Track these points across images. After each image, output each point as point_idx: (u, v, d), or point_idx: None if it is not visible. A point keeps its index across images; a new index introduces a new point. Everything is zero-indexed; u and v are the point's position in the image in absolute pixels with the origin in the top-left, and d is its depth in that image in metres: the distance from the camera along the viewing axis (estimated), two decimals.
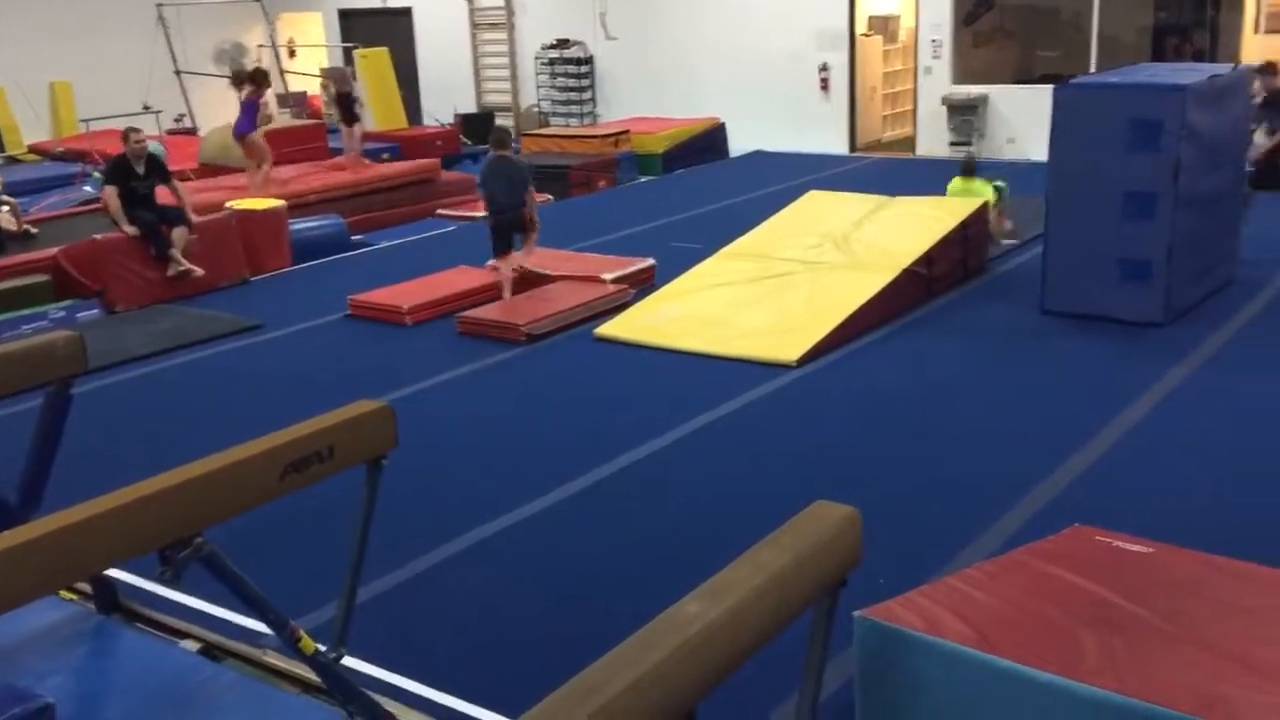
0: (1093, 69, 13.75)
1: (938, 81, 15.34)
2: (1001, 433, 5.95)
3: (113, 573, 3.87)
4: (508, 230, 8.69)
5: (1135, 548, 4.10)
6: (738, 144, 16.26)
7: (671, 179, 14.74)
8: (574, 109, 18.22)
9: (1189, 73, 7.89)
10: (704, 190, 13.47)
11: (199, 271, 9.41)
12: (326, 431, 3.02)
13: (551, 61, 18.25)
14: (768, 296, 8.03)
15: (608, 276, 8.76)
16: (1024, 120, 14.23)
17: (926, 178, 12.96)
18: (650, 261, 9.17)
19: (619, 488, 5.52)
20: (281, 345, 8.14)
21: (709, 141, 15.81)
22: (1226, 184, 8.01)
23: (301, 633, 3.05)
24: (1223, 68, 8.31)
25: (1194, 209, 7.47)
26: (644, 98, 17.20)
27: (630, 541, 4.97)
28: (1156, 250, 7.32)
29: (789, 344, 7.23)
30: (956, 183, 9.85)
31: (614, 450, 5.88)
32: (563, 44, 18.12)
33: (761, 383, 6.81)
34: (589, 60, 18.12)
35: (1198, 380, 6.51)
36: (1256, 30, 14.17)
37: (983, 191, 9.57)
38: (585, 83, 18.17)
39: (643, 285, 8.81)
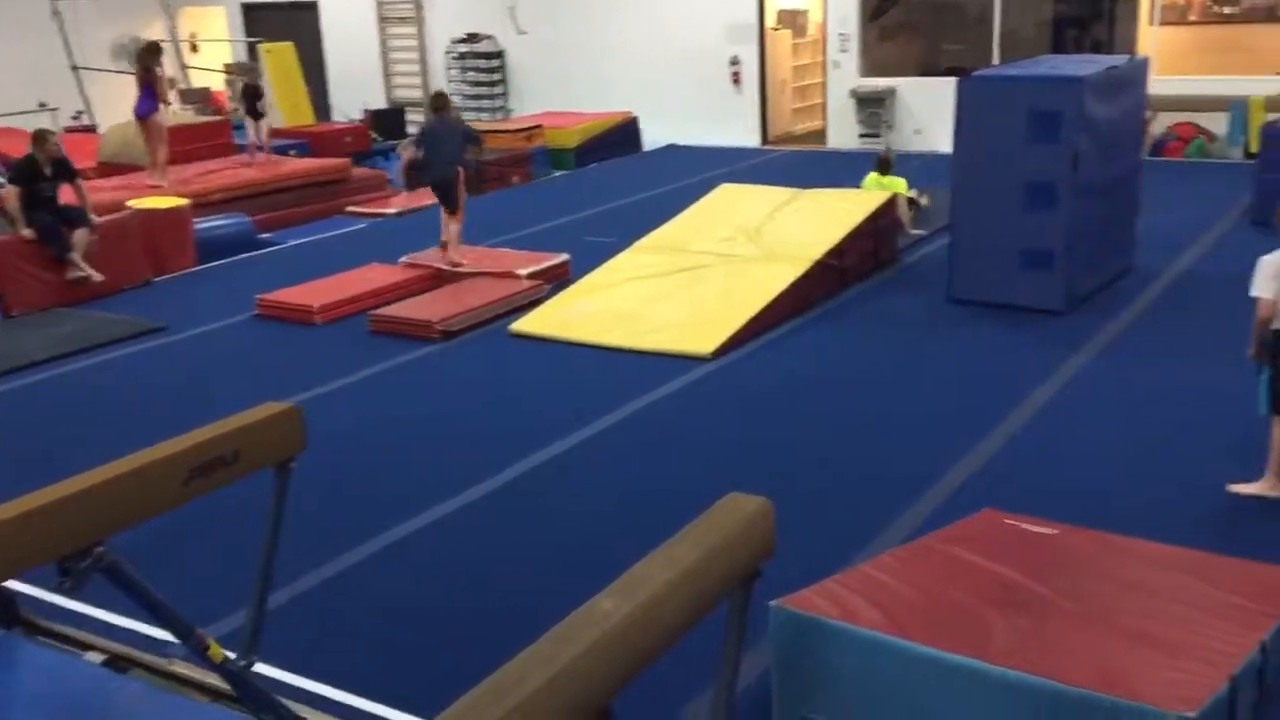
0: (996, 61, 14.04)
1: (846, 75, 15.53)
2: (913, 420, 6.06)
3: (11, 585, 3.75)
4: (443, 190, 8.95)
5: (1041, 530, 4.21)
6: (651, 138, 16.30)
7: (585, 173, 14.71)
8: (486, 104, 18.07)
9: (1087, 65, 8.10)
10: (617, 184, 13.48)
11: (98, 277, 9.13)
12: (232, 435, 2.96)
13: (462, 56, 18.09)
14: (682, 290, 8.07)
15: (522, 272, 8.72)
16: (930, 112, 14.47)
17: (837, 170, 13.14)
18: (564, 256, 9.14)
19: (535, 485, 5.50)
20: (186, 347, 7.95)
21: (622, 135, 15.82)
22: (1124, 173, 8.25)
23: (210, 640, 2.98)
24: (1119, 59, 8.55)
25: (1093, 198, 7.68)
26: (556, 92, 17.14)
27: (546, 538, 4.95)
28: (1057, 239, 7.50)
29: (704, 337, 7.27)
30: (872, 178, 9.98)
31: (530, 447, 5.86)
32: (473, 38, 17.97)
33: (677, 376, 6.84)
34: (500, 54, 18.00)
35: (1097, 366, 6.70)
36: (1152, 22, 14.59)
37: (896, 186, 9.72)
38: (497, 77, 18.05)
39: (557, 280, 8.79)
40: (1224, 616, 3.34)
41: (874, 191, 9.43)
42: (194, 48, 20.17)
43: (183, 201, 10.45)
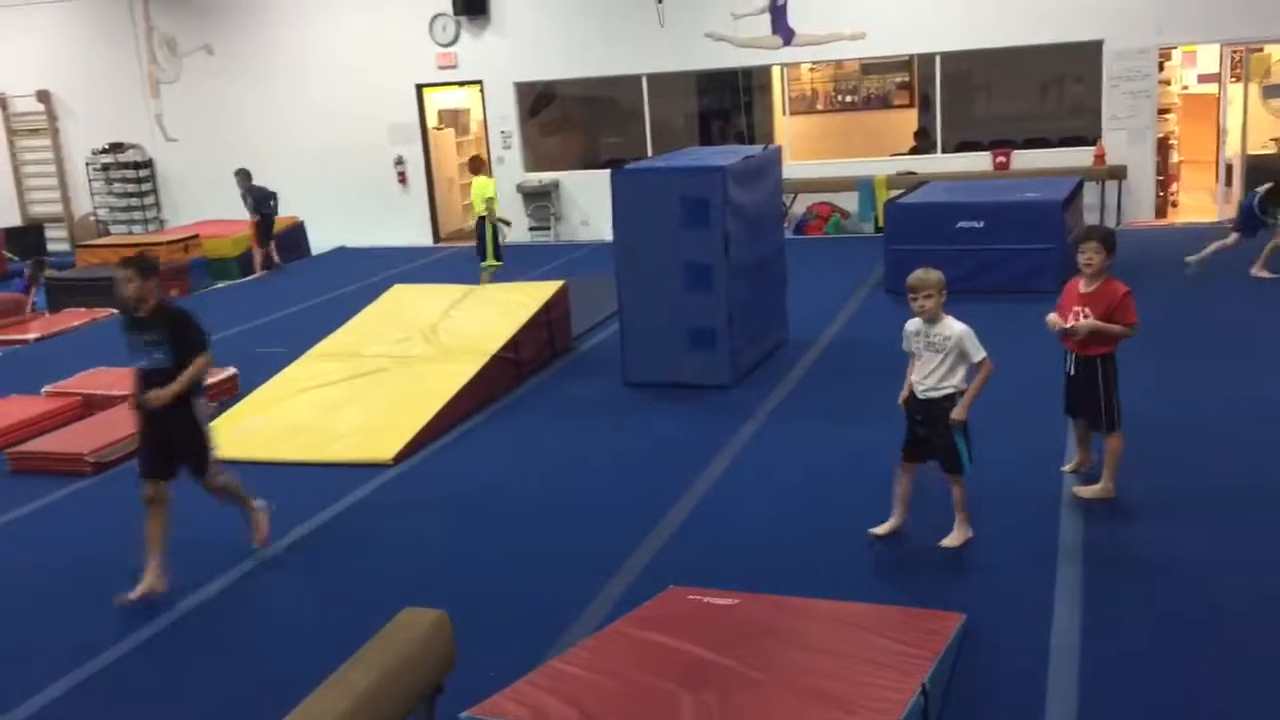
0: (650, 153, 14.80)
1: (511, 170, 15.88)
2: (596, 506, 6.15)
3: None
4: None
5: (722, 601, 4.36)
6: (319, 242, 15.96)
7: (249, 283, 14.16)
8: (136, 215, 17.11)
9: (728, 154, 8.68)
10: (286, 292, 13.06)
11: None
12: None
13: (106, 166, 17.08)
14: (359, 396, 7.87)
15: None
16: (595, 203, 15.01)
17: (510, 263, 13.33)
18: (231, 371, 8.71)
19: (208, 618, 5.13)
20: None
21: (288, 241, 15.37)
22: (771, 252, 8.85)
23: None
24: (755, 149, 9.21)
25: (746, 277, 8.17)
26: (213, 200, 16.39)
27: (222, 674, 4.61)
28: (718, 317, 7.92)
29: (384, 443, 7.11)
30: (474, 181, 11.79)
31: (203, 577, 5.47)
32: (117, 148, 17.02)
33: (359, 486, 6.63)
34: (148, 164, 17.14)
35: (765, 433, 7.08)
36: (785, 112, 15.89)
37: (486, 188, 11.46)
38: (146, 187, 17.15)
39: (225, 397, 8.34)
40: (889, 665, 3.57)
41: (544, 284, 9.61)
42: None
43: None
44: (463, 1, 15.33)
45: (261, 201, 14.34)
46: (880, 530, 5.29)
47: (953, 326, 5.10)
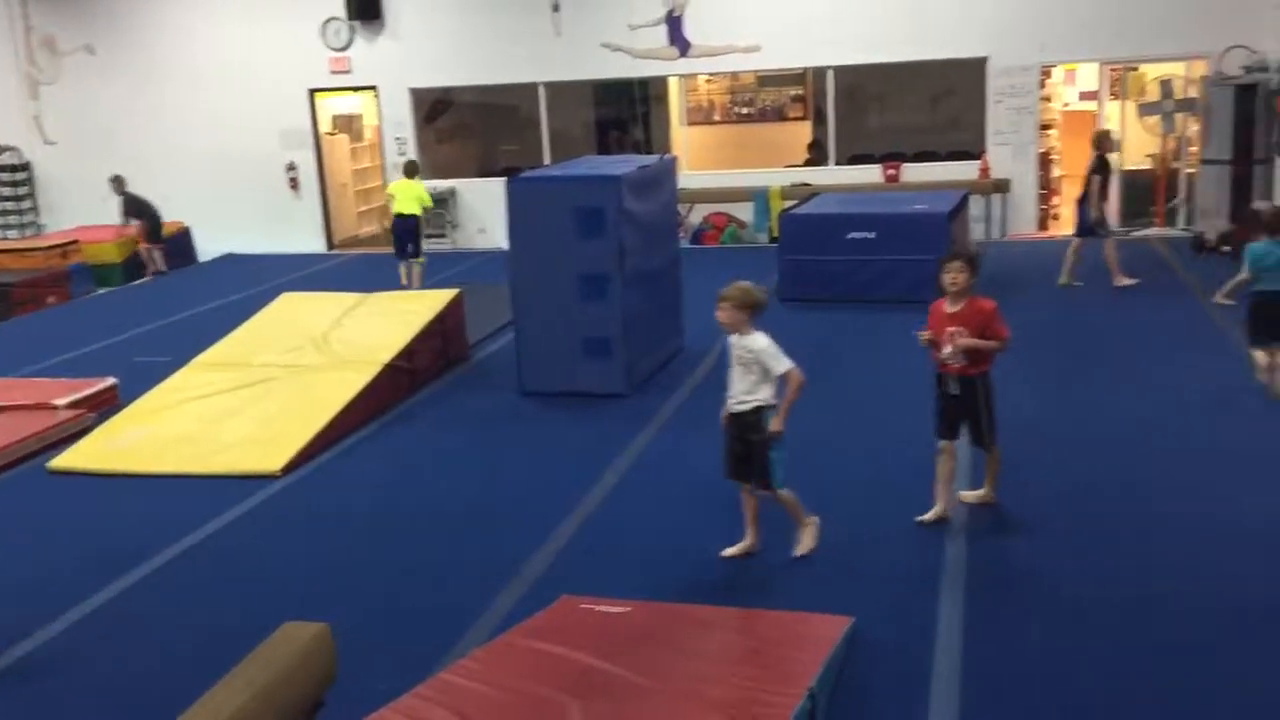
0: (548, 161, 14.77)
1: None
2: (491, 516, 6.09)
3: None
4: None
5: (615, 610, 4.35)
6: (208, 248, 15.56)
7: (134, 289, 13.75)
8: (13, 220, 16.47)
9: (623, 164, 8.70)
10: (172, 299, 12.70)
11: None
12: None
13: None
14: (246, 406, 7.68)
15: (60, 402, 7.91)
16: (492, 211, 14.87)
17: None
18: (111, 381, 8.43)
19: (79, 638, 4.94)
20: None
21: (173, 248, 14.95)
22: (666, 262, 8.89)
23: None
24: (651, 158, 9.25)
25: (642, 287, 8.20)
26: (95, 204, 15.82)
27: (90, 704, 4.44)
28: (613, 327, 7.92)
29: (271, 454, 6.95)
30: (400, 184, 12.33)
31: (76, 595, 5.27)
32: None
33: (245, 498, 6.46)
34: (26, 166, 16.52)
35: (659, 442, 7.10)
36: (682, 123, 16.01)
37: (418, 191, 12.18)
38: (23, 190, 16.53)
39: (105, 408, 8.07)
40: (776, 671, 3.60)
41: (439, 293, 9.50)
42: None
43: None
44: (355, 5, 15.12)
45: (134, 210, 13.97)
46: (731, 551, 5.27)
47: (757, 340, 5.11)
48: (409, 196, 12.28)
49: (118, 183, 13.96)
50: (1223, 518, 5.49)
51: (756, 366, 5.09)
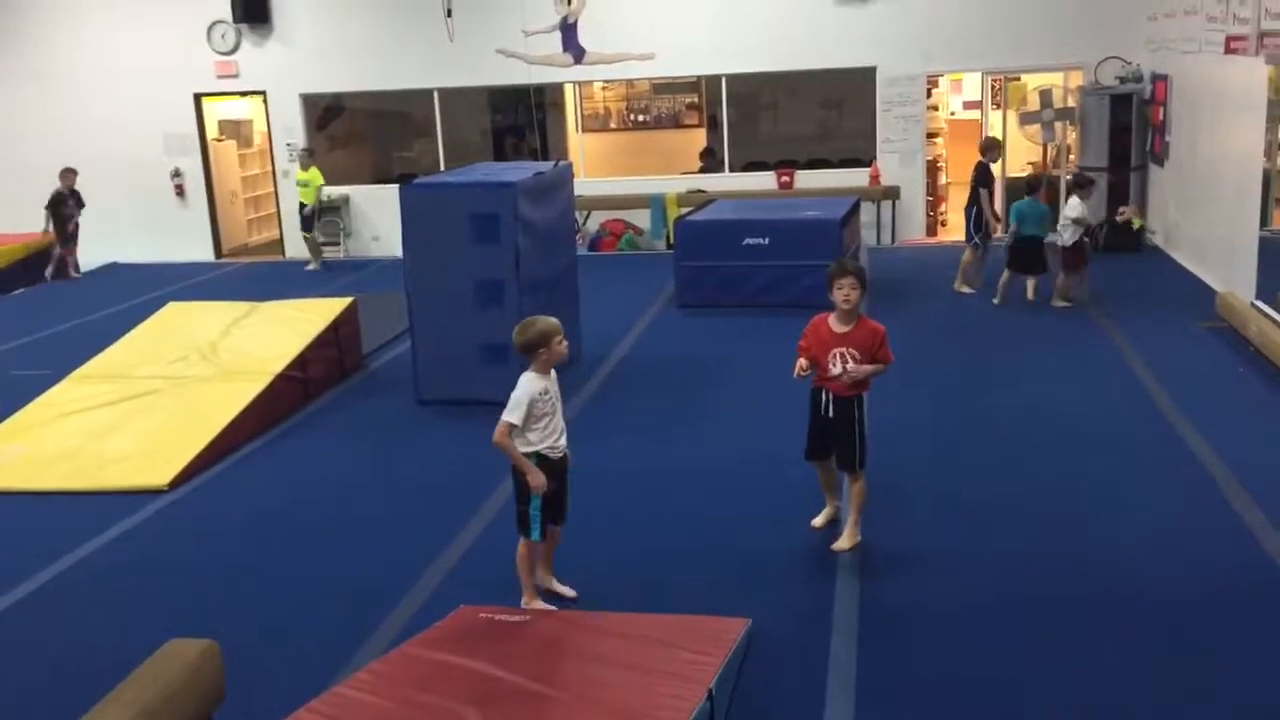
0: (444, 168, 14.64)
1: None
2: (386, 527, 6.01)
3: None
4: None
5: (513, 618, 4.33)
6: (91, 257, 15.05)
7: (8, 300, 13.24)
8: None
9: (519, 170, 8.67)
10: (50, 311, 12.26)
11: None
12: None
13: None
14: (130, 419, 7.45)
15: None
16: (386, 218, 14.62)
17: (297, 279, 12.95)
18: None
19: None
20: None
21: (49, 257, 14.42)
22: (563, 268, 8.88)
23: None
24: (546, 165, 9.24)
25: (538, 293, 8.16)
26: None
27: None
28: (510, 334, 7.83)
29: (158, 467, 6.75)
30: (300, 174, 13.62)
31: None
32: None
33: (131, 514, 6.27)
34: None
35: None
36: (578, 130, 16.02)
37: (316, 179, 13.49)
38: None
39: None
40: (676, 674, 3.62)
41: (333, 301, 9.35)
42: None
43: None
44: (243, 8, 14.79)
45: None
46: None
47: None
48: (311, 184, 14.08)
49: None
50: (1107, 514, 5.70)
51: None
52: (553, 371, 4.90)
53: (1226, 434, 6.63)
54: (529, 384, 4.74)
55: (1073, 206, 10.02)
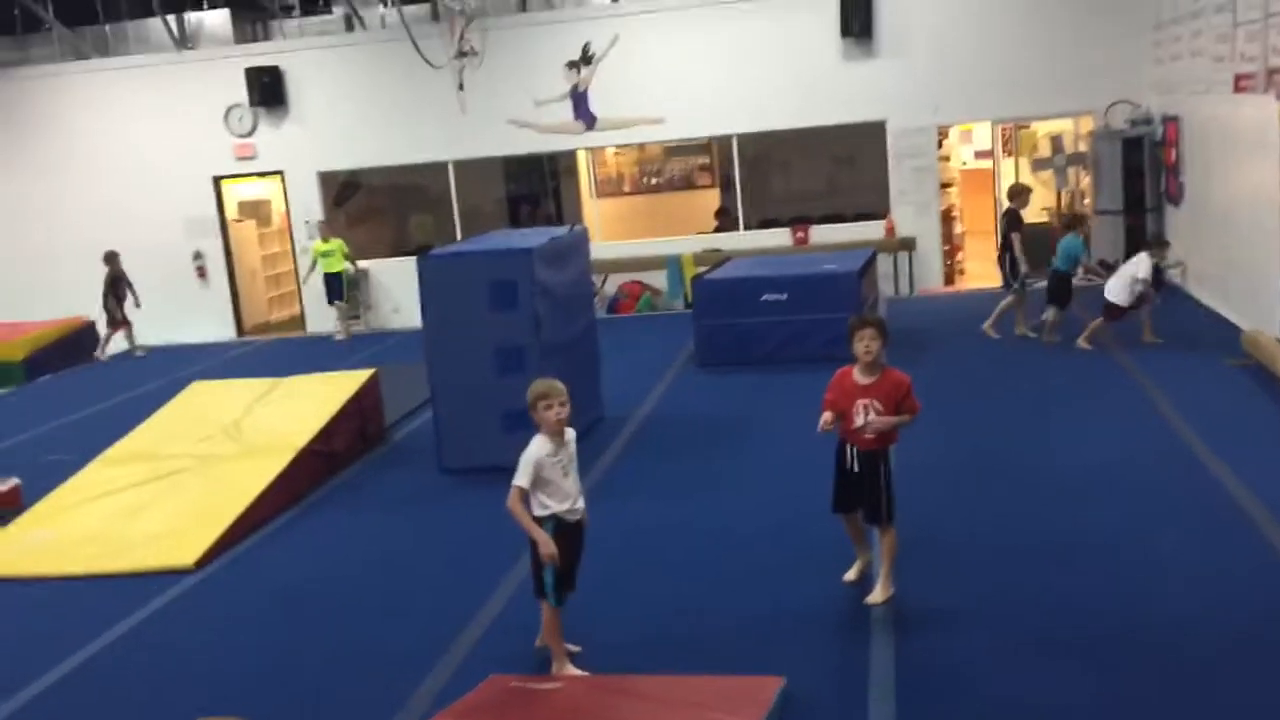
0: (459, 237, 14.77)
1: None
2: (414, 597, 5.97)
3: None
4: None
5: (545, 686, 4.27)
6: (115, 342, 15.19)
7: (37, 387, 13.36)
8: None
9: (535, 236, 8.73)
10: (77, 395, 12.36)
11: None
12: None
13: None
14: (157, 500, 7.47)
15: None
16: (406, 290, 14.70)
17: (319, 354, 13.04)
18: (14, 482, 8.12)
19: None
20: None
21: (78, 342, 14.59)
22: (582, 331, 8.90)
23: None
24: (562, 230, 9.30)
25: (558, 357, 8.16)
26: None
27: None
28: None
29: (184, 547, 6.74)
30: (317, 244, 14.09)
31: None
32: None
33: (158, 595, 6.25)
34: None
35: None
36: (593, 195, 16.17)
37: (337, 247, 13.99)
38: None
39: (7, 510, 7.77)
40: None
41: (354, 374, 9.37)
42: None
43: None
44: (259, 92, 15.08)
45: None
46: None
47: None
48: (337, 251, 14.56)
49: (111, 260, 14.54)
50: (1133, 559, 5.60)
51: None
52: (569, 433, 4.87)
53: (1262, 473, 6.52)
54: (536, 447, 4.75)
55: (1143, 267, 9.62)
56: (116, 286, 14.54)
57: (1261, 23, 9.01)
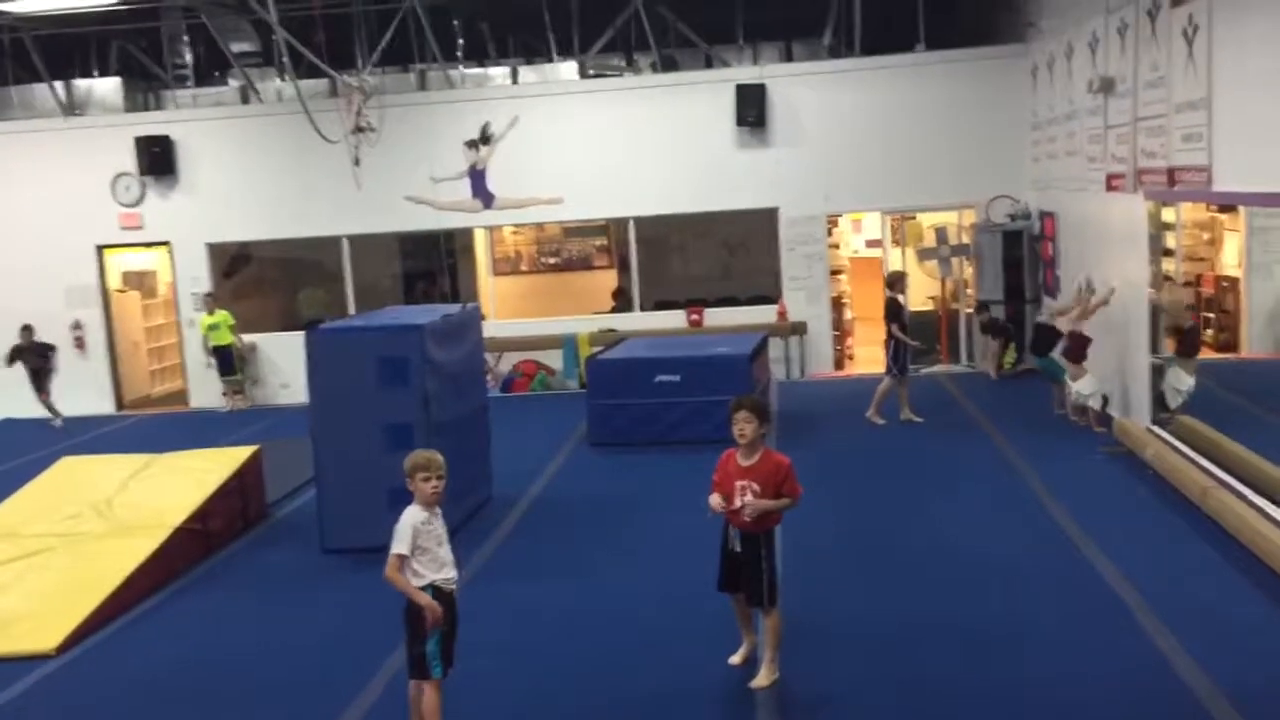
0: (353, 312, 14.57)
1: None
2: (286, 686, 5.76)
3: None
4: None
5: None
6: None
7: None
8: None
9: (427, 313, 8.66)
10: None
11: None
12: None
13: None
14: (18, 580, 7.10)
15: None
16: (295, 365, 14.41)
17: (201, 430, 12.65)
18: None
19: None
20: None
21: None
22: (473, 410, 8.81)
23: None
24: (454, 307, 9.24)
25: (448, 435, 8.03)
26: None
27: None
28: None
29: (45, 631, 6.41)
30: (204, 319, 14.15)
31: None
32: None
33: (16, 680, 5.92)
34: None
35: (468, 594, 6.87)
36: (490, 273, 16.13)
37: (224, 319, 14.01)
38: None
39: None
40: None
41: (236, 450, 9.12)
42: None
43: None
44: (148, 161, 14.78)
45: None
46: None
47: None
48: (222, 325, 14.43)
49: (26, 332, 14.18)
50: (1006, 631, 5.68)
51: None
52: (437, 506, 4.91)
53: (1134, 560, 6.70)
54: (410, 515, 4.82)
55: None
56: (21, 356, 14.12)
57: (1130, 126, 9.50)
